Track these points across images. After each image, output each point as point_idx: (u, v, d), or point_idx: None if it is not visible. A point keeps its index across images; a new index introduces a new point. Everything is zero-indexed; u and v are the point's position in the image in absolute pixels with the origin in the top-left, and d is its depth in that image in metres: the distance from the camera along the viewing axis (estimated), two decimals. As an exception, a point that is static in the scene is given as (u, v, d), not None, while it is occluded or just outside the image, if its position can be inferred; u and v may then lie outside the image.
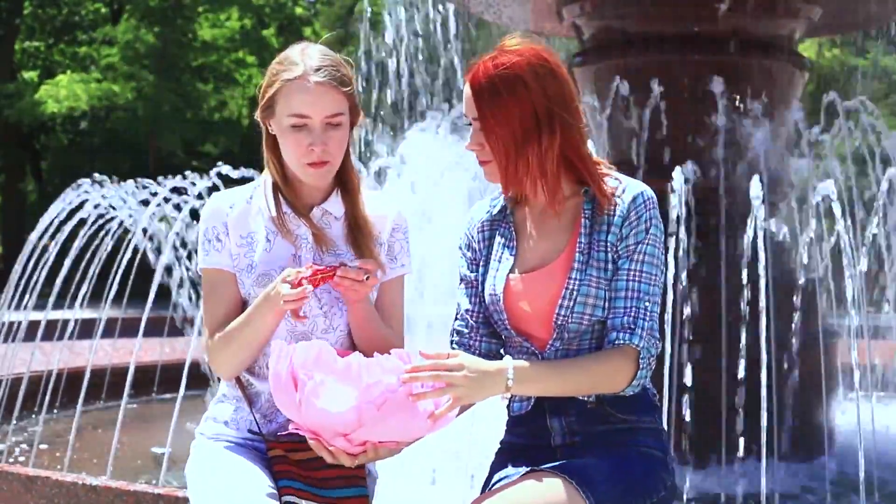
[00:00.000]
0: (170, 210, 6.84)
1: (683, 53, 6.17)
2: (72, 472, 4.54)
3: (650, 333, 2.27)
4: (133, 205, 6.94)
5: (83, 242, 6.83)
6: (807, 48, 19.41)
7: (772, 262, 5.19)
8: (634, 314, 2.27)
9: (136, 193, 7.00)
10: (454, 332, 2.45)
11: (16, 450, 6.16)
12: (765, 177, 5.81)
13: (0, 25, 27.20)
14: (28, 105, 24.24)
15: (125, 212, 6.94)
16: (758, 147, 5.95)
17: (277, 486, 2.34)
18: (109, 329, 7.47)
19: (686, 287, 5.36)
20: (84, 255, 6.82)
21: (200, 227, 2.52)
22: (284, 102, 2.40)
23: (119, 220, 6.95)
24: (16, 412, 6.09)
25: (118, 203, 7.02)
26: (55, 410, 6.94)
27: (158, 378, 8.06)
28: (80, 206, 7.07)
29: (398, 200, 2.67)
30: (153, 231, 7.08)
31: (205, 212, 2.53)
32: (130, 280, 6.97)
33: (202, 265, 2.51)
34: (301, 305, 2.34)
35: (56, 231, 7.06)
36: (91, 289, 6.75)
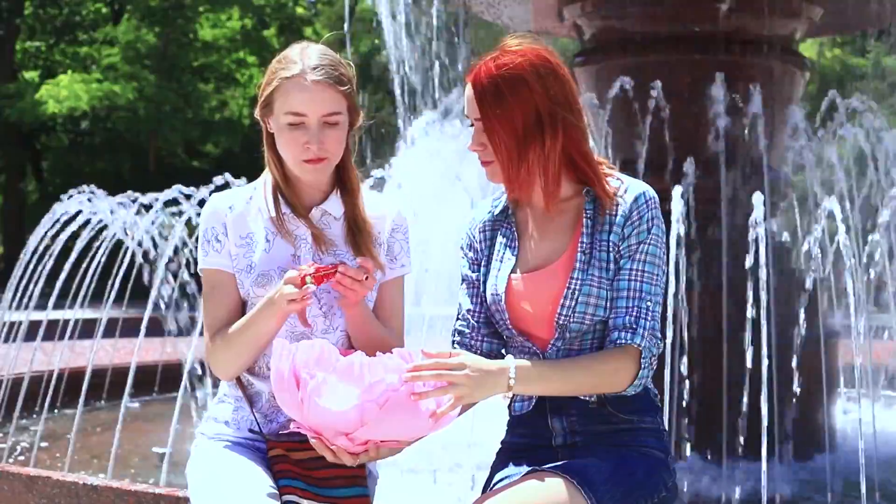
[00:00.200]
0: (166, 218, 6.83)
1: (684, 53, 6.18)
2: (73, 472, 4.54)
3: (652, 333, 2.27)
4: (125, 217, 6.93)
5: (84, 243, 6.83)
6: (807, 48, 19.42)
7: (773, 262, 5.19)
8: (636, 314, 2.27)
9: (128, 206, 6.98)
10: (455, 332, 2.45)
11: (17, 449, 6.16)
12: (765, 176, 5.82)
13: (1, 25, 27.20)
14: (29, 105, 24.23)
15: (118, 224, 6.93)
16: (758, 147, 5.95)
17: (278, 486, 2.34)
18: (110, 329, 7.46)
19: (687, 287, 5.36)
20: (85, 256, 6.81)
21: (200, 228, 2.52)
22: (282, 100, 2.40)
23: (114, 232, 6.94)
24: (17, 412, 6.08)
25: (108, 218, 7.00)
26: (56, 410, 6.93)
27: (159, 378, 8.07)
28: (75, 217, 7.07)
29: (397, 200, 2.67)
30: (147, 247, 7.08)
31: (204, 212, 2.53)
32: (131, 280, 6.97)
33: (202, 266, 2.51)
34: (305, 305, 2.34)
35: (57, 233, 7.06)
36: (92, 289, 6.75)
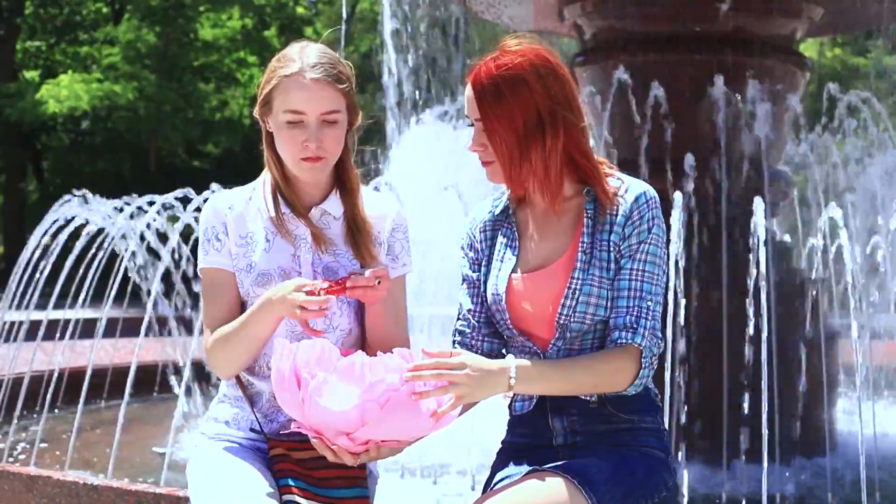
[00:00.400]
0: (163, 223, 6.82)
1: (684, 53, 6.17)
2: (73, 472, 4.54)
3: (652, 333, 2.27)
4: (121, 222, 6.92)
5: (83, 244, 6.82)
6: (808, 48, 19.42)
7: (773, 262, 5.19)
8: (637, 313, 2.26)
9: (124, 210, 6.97)
10: (456, 332, 2.45)
11: (17, 449, 6.16)
12: (766, 176, 5.82)
13: (1, 25, 27.20)
14: (29, 105, 24.24)
15: (115, 228, 6.93)
16: (759, 146, 5.95)
17: (278, 486, 2.34)
18: (110, 329, 7.46)
19: (688, 287, 5.36)
20: (85, 255, 6.81)
21: (200, 228, 2.52)
22: (281, 98, 2.40)
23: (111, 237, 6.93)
24: (17, 412, 6.08)
25: (105, 222, 6.99)
26: (56, 410, 6.93)
27: (160, 378, 8.06)
28: (73, 220, 7.07)
29: (397, 200, 2.67)
30: (142, 254, 7.08)
31: (204, 212, 2.53)
32: (131, 280, 6.96)
33: (202, 265, 2.50)
34: (322, 315, 2.32)
35: (56, 234, 7.05)
36: (92, 289, 6.75)
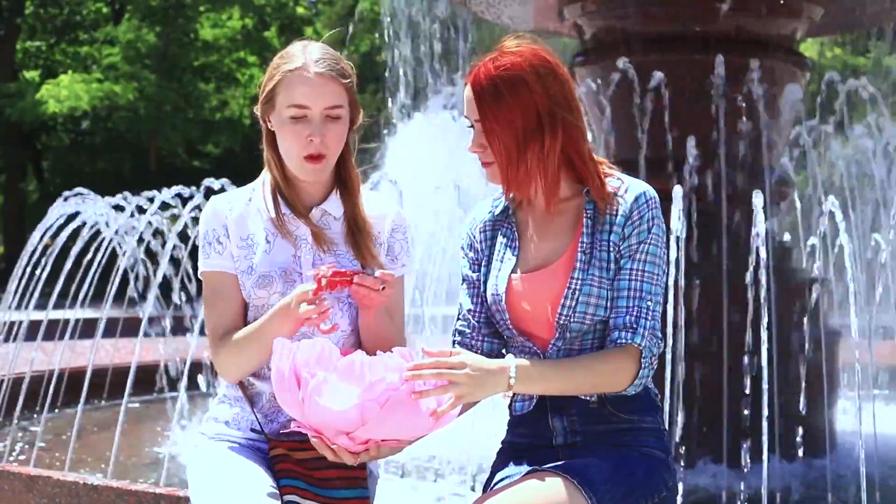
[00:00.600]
0: (159, 221, 6.83)
1: (685, 53, 6.17)
2: (73, 472, 4.54)
3: (652, 333, 2.27)
4: (119, 222, 6.92)
5: (83, 244, 6.83)
6: (808, 48, 19.42)
7: (773, 262, 5.19)
8: (637, 313, 2.26)
9: (128, 203, 6.97)
10: (456, 332, 2.45)
11: (17, 449, 6.16)
12: (766, 175, 5.82)
13: (1, 25, 27.21)
14: (29, 105, 24.25)
15: (113, 228, 6.93)
16: (759, 146, 5.95)
17: (278, 486, 2.33)
18: (110, 329, 7.46)
19: (688, 286, 5.35)
20: (85, 255, 6.81)
21: (200, 231, 2.51)
22: (285, 94, 2.40)
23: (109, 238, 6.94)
24: (17, 412, 6.08)
25: (102, 221, 7.00)
26: (56, 410, 6.93)
27: (159, 378, 8.06)
28: (75, 216, 7.07)
29: (396, 201, 2.67)
30: (139, 255, 7.09)
31: (204, 215, 2.51)
32: (131, 280, 6.96)
33: (203, 269, 2.49)
34: (324, 319, 2.33)
35: (56, 234, 7.05)
36: (92, 289, 6.75)
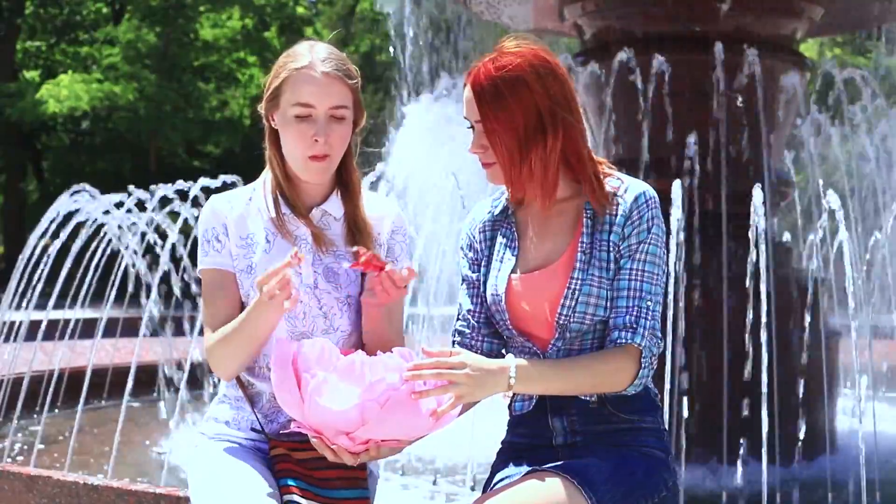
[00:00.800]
0: (161, 218, 6.82)
1: (685, 53, 6.17)
2: (73, 472, 4.54)
3: (652, 333, 2.27)
4: (121, 218, 6.92)
5: (83, 243, 6.83)
6: (808, 48, 19.41)
7: (773, 262, 5.19)
8: (636, 313, 2.26)
9: (130, 199, 6.97)
10: (456, 333, 2.45)
11: (16, 449, 6.16)
12: (766, 175, 5.82)
13: (1, 25, 27.20)
14: (29, 105, 24.24)
15: (114, 225, 6.92)
16: (759, 146, 5.95)
17: (278, 486, 2.33)
18: (110, 329, 7.46)
19: (688, 286, 5.36)
20: (84, 255, 6.81)
21: (199, 229, 2.50)
22: (290, 92, 2.39)
23: (115, 227, 6.93)
24: (17, 412, 6.08)
25: (103, 218, 6.99)
26: (56, 410, 6.94)
27: (161, 377, 8.06)
28: (76, 213, 7.06)
29: (396, 202, 2.67)
30: (140, 251, 7.08)
31: (203, 213, 2.51)
32: (131, 280, 6.96)
33: (202, 266, 2.49)
34: (286, 294, 2.25)
35: (56, 232, 7.05)
36: (92, 289, 6.75)
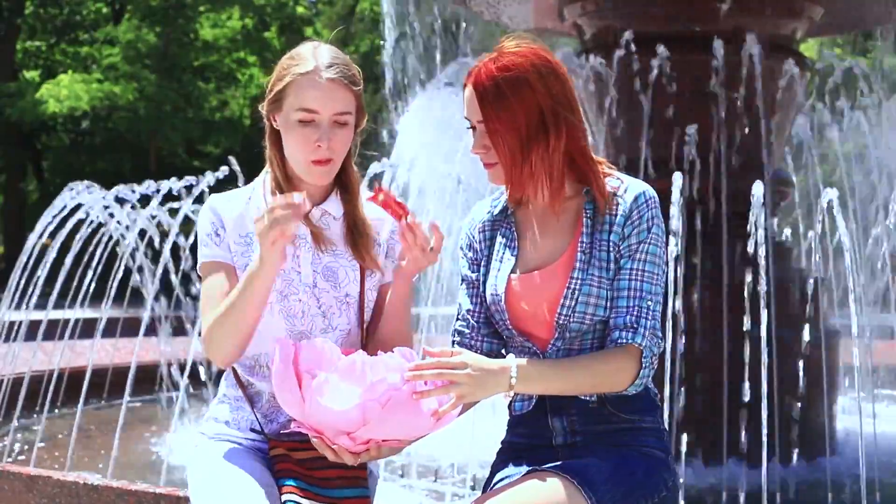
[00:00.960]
0: (162, 214, 6.83)
1: (685, 53, 6.17)
2: (73, 472, 4.54)
3: (652, 332, 2.27)
4: (121, 214, 6.92)
5: (82, 242, 6.83)
6: (807, 48, 19.41)
7: (773, 261, 5.19)
8: (637, 313, 2.26)
9: (127, 198, 6.97)
10: (455, 333, 2.45)
11: (16, 449, 6.17)
12: (766, 176, 5.82)
13: (1, 25, 27.21)
14: (29, 105, 24.25)
15: (115, 220, 6.93)
16: (759, 146, 5.95)
17: (278, 486, 2.33)
18: (110, 329, 7.46)
19: (687, 286, 5.36)
20: (84, 255, 6.82)
21: (199, 225, 2.50)
22: (294, 96, 2.39)
23: (115, 223, 6.93)
24: (17, 412, 6.08)
25: (107, 213, 7.00)
26: (56, 410, 6.94)
27: (159, 377, 8.06)
28: (78, 208, 7.06)
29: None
30: (142, 249, 7.09)
31: (202, 213, 2.51)
32: (131, 279, 6.96)
33: (202, 260, 2.48)
34: (298, 214, 2.24)
35: (55, 231, 7.05)
36: (92, 288, 6.75)
